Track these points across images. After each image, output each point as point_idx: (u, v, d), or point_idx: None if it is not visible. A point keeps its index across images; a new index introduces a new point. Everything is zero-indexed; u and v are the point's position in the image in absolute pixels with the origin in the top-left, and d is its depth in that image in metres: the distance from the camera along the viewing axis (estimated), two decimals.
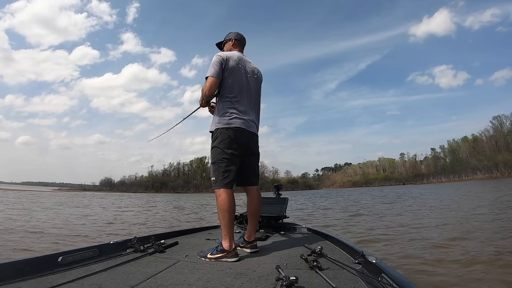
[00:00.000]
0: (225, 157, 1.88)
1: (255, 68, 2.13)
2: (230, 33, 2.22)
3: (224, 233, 1.79)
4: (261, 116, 2.16)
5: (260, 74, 2.18)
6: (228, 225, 1.80)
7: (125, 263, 1.59)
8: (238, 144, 1.91)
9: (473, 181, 52.09)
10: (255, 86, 2.09)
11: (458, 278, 2.61)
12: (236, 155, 1.91)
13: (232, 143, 1.89)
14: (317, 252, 1.65)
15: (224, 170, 1.87)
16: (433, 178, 75.68)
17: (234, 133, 1.91)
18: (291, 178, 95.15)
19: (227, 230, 1.79)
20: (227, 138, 1.90)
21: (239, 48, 2.17)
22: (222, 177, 1.86)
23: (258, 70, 2.16)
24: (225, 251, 1.74)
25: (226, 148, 1.89)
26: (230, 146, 1.89)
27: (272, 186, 3.24)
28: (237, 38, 2.18)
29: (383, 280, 1.19)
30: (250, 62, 2.12)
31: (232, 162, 1.89)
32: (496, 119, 70.69)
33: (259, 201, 2.07)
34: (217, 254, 1.74)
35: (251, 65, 2.11)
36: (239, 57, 2.06)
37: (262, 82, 2.20)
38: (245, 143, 1.96)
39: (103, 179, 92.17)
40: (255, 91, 2.09)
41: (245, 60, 2.08)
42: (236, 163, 1.92)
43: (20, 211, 10.47)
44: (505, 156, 61.63)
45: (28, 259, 1.41)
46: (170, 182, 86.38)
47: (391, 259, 3.20)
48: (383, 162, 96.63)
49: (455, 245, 3.79)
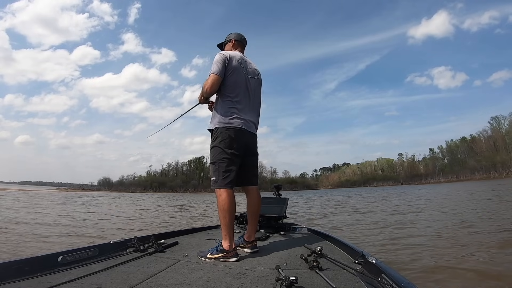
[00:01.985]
0: (226, 157, 1.88)
1: (256, 69, 2.14)
2: (230, 34, 2.22)
3: (224, 233, 1.80)
4: (260, 116, 2.17)
5: (260, 76, 2.18)
6: (228, 225, 1.80)
7: (125, 263, 1.59)
8: (239, 144, 1.92)
9: (471, 182, 52.40)
10: (256, 87, 2.11)
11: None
12: (236, 155, 1.91)
13: (232, 143, 1.89)
14: (317, 252, 1.66)
15: (225, 170, 1.87)
16: (431, 178, 75.92)
17: (235, 133, 1.91)
18: (289, 178, 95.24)
19: (227, 230, 1.79)
20: (227, 138, 1.90)
21: (239, 48, 2.17)
22: (223, 177, 1.86)
23: (259, 72, 2.17)
24: (225, 251, 1.74)
25: (226, 148, 1.89)
26: (231, 146, 1.89)
27: (271, 186, 3.25)
28: (238, 39, 2.18)
29: (383, 281, 1.19)
30: (251, 63, 2.13)
31: (232, 162, 1.89)
32: (494, 119, 70.96)
33: (259, 201, 2.08)
34: (217, 254, 1.74)
35: (252, 66, 2.11)
36: (241, 57, 2.06)
37: (262, 84, 2.21)
38: (245, 144, 1.97)
39: (101, 179, 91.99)
40: (255, 92, 2.10)
41: (246, 61, 2.09)
42: (236, 163, 1.92)
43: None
44: (503, 157, 61.91)
45: (28, 259, 1.41)
46: (168, 182, 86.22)
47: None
48: (382, 163, 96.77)
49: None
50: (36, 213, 9.54)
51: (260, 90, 2.18)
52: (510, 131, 66.45)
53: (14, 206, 12.01)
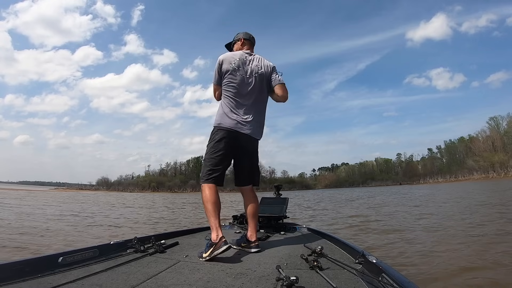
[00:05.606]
0: (213, 156, 1.97)
1: (257, 65, 2.10)
2: (238, 33, 2.26)
3: (210, 225, 1.82)
4: (265, 117, 2.17)
5: (266, 69, 2.12)
6: (212, 215, 1.84)
7: (125, 264, 1.59)
8: (228, 145, 1.97)
9: (470, 182, 52.61)
10: (256, 86, 2.07)
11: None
12: (225, 155, 1.98)
13: (221, 143, 1.97)
14: (317, 252, 1.66)
15: (209, 169, 1.96)
16: (430, 178, 75.93)
17: (225, 134, 1.98)
18: (288, 178, 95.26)
19: (211, 220, 1.83)
20: (218, 138, 1.98)
21: (247, 47, 2.20)
22: (207, 174, 1.95)
23: (262, 67, 2.11)
24: (213, 244, 1.73)
25: (216, 147, 1.97)
26: (220, 146, 1.97)
27: (270, 186, 3.26)
28: (246, 38, 2.22)
29: (384, 280, 1.20)
30: (254, 60, 2.11)
31: (220, 161, 1.97)
32: (493, 119, 70.92)
33: (255, 201, 2.10)
34: (208, 251, 1.72)
35: (253, 64, 2.09)
36: (240, 57, 2.07)
37: (272, 74, 2.14)
38: (236, 145, 2.00)
39: (99, 179, 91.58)
40: (255, 91, 2.07)
41: (246, 60, 2.08)
42: (223, 162, 1.99)
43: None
44: (502, 157, 62.07)
45: (28, 260, 1.41)
46: (167, 182, 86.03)
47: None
48: (380, 162, 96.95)
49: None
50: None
51: (263, 86, 2.11)
52: (508, 131, 66.59)
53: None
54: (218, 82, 2.09)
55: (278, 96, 2.14)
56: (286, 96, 2.15)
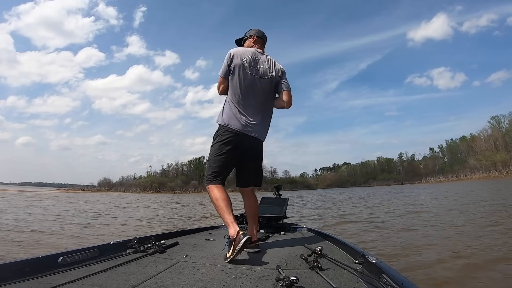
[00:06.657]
0: (219, 158, 1.92)
1: (269, 68, 2.05)
2: (251, 29, 2.19)
3: (225, 222, 1.77)
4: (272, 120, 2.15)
5: (277, 73, 2.06)
6: (225, 211, 1.78)
7: (125, 264, 1.59)
8: (234, 146, 1.93)
9: (472, 181, 52.40)
10: (266, 87, 2.02)
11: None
12: (230, 157, 1.93)
13: (227, 145, 1.92)
14: (317, 252, 1.65)
15: (214, 170, 1.92)
16: (432, 177, 75.77)
17: (233, 136, 1.92)
18: (289, 178, 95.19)
19: (225, 217, 1.77)
20: (225, 139, 1.92)
21: (259, 45, 2.14)
22: (212, 175, 1.91)
23: (273, 70, 2.06)
24: (232, 240, 1.66)
25: (222, 148, 1.92)
26: (225, 147, 1.92)
27: (271, 186, 3.25)
28: (259, 36, 2.15)
29: (384, 280, 1.19)
30: (266, 61, 2.05)
31: (225, 162, 1.93)
32: (494, 119, 70.71)
33: (255, 201, 2.08)
34: (230, 250, 1.65)
35: (265, 65, 2.04)
36: (252, 55, 2.01)
37: (282, 78, 2.08)
38: (243, 146, 1.96)
39: (101, 180, 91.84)
40: (264, 93, 2.02)
41: (258, 59, 2.03)
42: (229, 164, 1.95)
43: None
44: (503, 156, 61.81)
45: (28, 260, 1.41)
46: (168, 183, 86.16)
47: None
48: (382, 162, 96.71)
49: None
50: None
51: (272, 90, 2.07)
52: (510, 130, 66.30)
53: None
54: (226, 75, 1.99)
55: (284, 101, 2.06)
56: (291, 102, 2.07)
